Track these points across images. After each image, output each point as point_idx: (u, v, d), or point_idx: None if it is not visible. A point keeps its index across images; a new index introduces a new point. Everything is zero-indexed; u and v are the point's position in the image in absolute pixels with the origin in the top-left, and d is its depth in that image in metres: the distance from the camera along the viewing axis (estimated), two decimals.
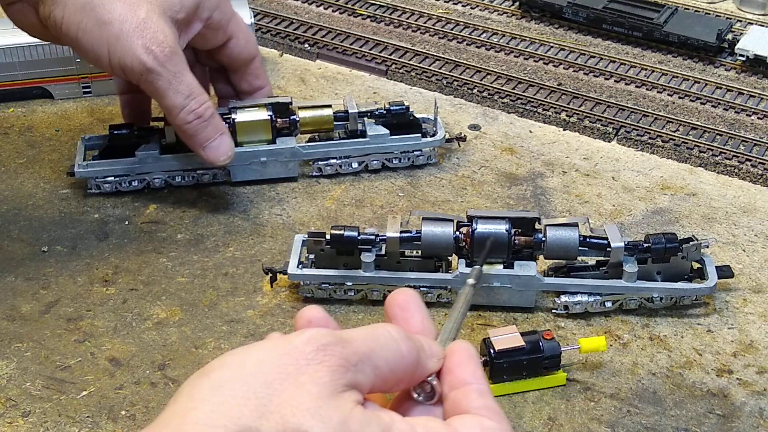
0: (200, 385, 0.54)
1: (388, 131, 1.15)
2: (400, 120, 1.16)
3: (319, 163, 1.16)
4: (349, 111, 1.15)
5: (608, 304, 0.98)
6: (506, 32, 1.43)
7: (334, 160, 1.16)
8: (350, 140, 1.16)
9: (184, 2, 1.03)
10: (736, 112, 1.27)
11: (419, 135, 1.16)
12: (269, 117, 1.13)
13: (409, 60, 1.37)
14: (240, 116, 1.12)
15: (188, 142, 1.06)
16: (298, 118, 1.15)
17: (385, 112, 1.16)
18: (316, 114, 1.16)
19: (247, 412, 0.52)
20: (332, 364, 0.55)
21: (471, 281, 0.71)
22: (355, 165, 1.16)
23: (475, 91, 1.31)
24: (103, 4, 0.98)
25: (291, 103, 1.15)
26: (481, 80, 1.32)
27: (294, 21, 1.45)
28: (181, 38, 1.04)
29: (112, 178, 1.13)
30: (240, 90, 1.16)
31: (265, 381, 0.53)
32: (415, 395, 0.60)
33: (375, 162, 1.16)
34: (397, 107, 1.16)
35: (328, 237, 0.97)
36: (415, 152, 1.17)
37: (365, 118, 1.16)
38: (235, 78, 1.15)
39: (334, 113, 1.15)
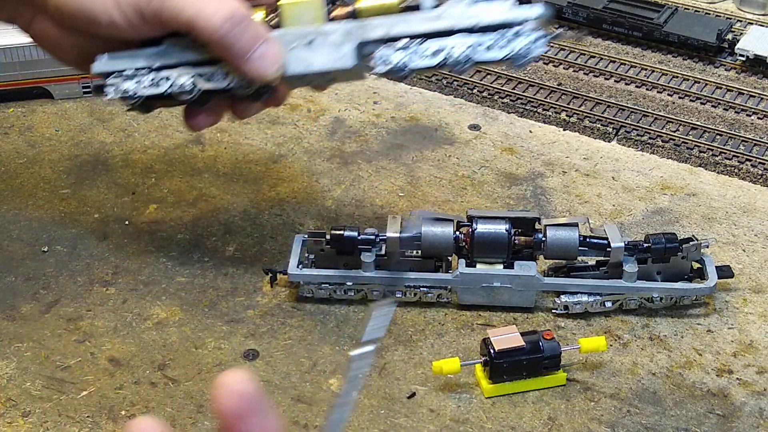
0: None
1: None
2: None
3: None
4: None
5: (608, 304, 0.98)
6: None
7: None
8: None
9: None
10: (736, 112, 1.27)
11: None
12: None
13: None
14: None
15: (227, 57, 0.84)
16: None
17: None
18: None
19: None
20: None
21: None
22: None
23: (475, 91, 1.31)
24: None
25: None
26: (481, 80, 1.32)
27: None
28: None
29: None
30: None
31: None
32: None
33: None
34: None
35: (328, 237, 0.97)
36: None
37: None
38: None
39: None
